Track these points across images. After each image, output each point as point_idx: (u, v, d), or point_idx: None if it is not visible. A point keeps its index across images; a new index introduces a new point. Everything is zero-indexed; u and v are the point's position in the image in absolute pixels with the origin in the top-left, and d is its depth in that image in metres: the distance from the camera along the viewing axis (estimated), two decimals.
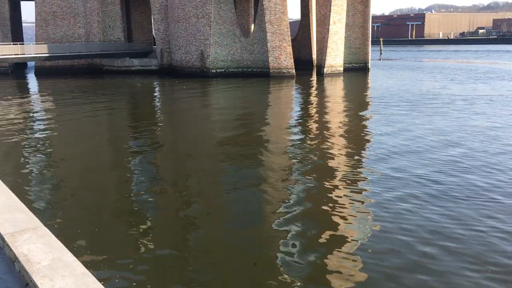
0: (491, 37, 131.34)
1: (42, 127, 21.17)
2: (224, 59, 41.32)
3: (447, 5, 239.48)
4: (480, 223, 9.26)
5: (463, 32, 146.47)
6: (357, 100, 28.18)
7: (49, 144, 17.48)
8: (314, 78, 40.65)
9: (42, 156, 15.78)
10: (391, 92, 29.59)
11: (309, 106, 26.55)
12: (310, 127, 20.06)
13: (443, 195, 10.82)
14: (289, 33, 39.55)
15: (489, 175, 12.30)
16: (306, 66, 49.00)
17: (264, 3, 38.41)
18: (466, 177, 12.10)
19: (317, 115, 23.17)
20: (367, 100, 28.16)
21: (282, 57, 39.40)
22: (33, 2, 47.65)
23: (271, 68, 39.50)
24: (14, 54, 39.44)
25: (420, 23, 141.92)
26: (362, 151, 15.33)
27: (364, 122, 20.52)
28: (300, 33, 53.48)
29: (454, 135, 17.03)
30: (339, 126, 19.43)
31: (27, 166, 14.26)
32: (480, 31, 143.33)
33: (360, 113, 22.82)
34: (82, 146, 17.16)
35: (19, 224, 4.33)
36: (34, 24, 48.70)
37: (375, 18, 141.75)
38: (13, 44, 40.62)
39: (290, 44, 39.56)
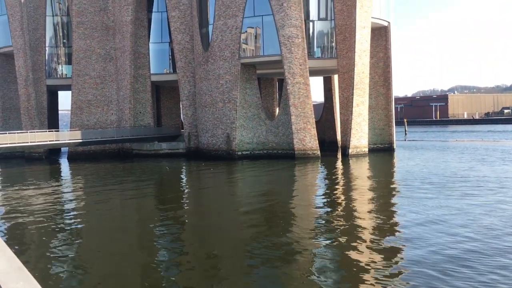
0: None
1: (71, 212, 21.58)
2: (250, 141, 42.18)
3: (470, 86, 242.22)
4: None
5: (488, 112, 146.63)
6: (383, 183, 27.94)
7: (77, 229, 17.73)
8: (339, 159, 40.82)
9: (70, 240, 15.97)
10: (418, 174, 29.27)
11: (334, 189, 26.43)
12: (335, 212, 19.86)
13: (474, 282, 10.38)
14: (313, 115, 40.45)
15: None
16: (331, 147, 49.44)
17: (288, 87, 39.78)
18: (495, 263, 11.62)
19: (343, 198, 23.01)
20: (393, 182, 27.92)
21: (307, 138, 40.00)
22: (69, 92, 50.51)
23: (296, 150, 39.99)
24: (49, 141, 41.26)
25: (444, 104, 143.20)
26: (388, 237, 14.97)
27: (390, 207, 20.14)
28: (324, 115, 54.60)
29: (486, 220, 16.39)
30: (365, 211, 19.19)
31: (55, 251, 14.40)
32: (506, 111, 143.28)
33: (387, 197, 22.54)
34: (109, 231, 17.33)
35: None
36: (69, 112, 51.28)
37: (398, 99, 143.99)
38: (49, 131, 42.65)
39: (315, 126, 40.31)
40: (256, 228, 16.66)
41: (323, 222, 17.71)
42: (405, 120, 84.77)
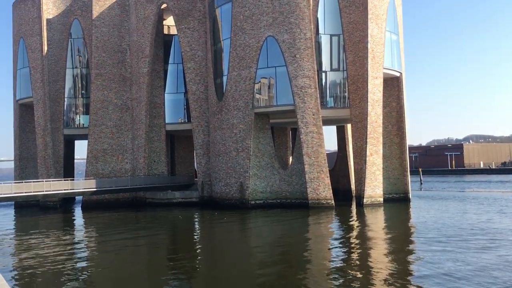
0: None
1: (83, 261, 21.41)
2: (263, 190, 41.99)
3: (485, 135, 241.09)
4: None
5: (505, 162, 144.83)
6: (398, 234, 27.34)
7: (89, 278, 17.51)
8: (353, 209, 40.25)
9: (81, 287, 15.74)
10: (434, 225, 28.60)
11: (349, 240, 25.91)
12: (350, 264, 19.39)
13: None
14: (327, 164, 40.33)
15: None
16: (345, 196, 48.89)
17: (301, 136, 39.96)
18: None
19: (358, 249, 22.50)
20: (409, 234, 27.31)
21: (321, 188, 39.71)
22: (86, 141, 51.35)
23: (310, 199, 39.63)
24: (64, 190, 41.59)
25: (459, 153, 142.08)
26: None
27: (405, 260, 19.60)
28: (338, 163, 54.41)
29: (504, 277, 15.78)
30: (380, 263, 18.70)
31: None
32: None
33: (402, 248, 21.98)
34: (121, 280, 17.08)
35: None
36: (85, 160, 51.90)
37: (412, 148, 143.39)
38: (64, 180, 43.07)
39: (328, 175, 40.10)
40: (270, 280, 16.27)
41: (338, 273, 17.25)
42: (419, 169, 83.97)
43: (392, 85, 45.17)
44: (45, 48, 50.58)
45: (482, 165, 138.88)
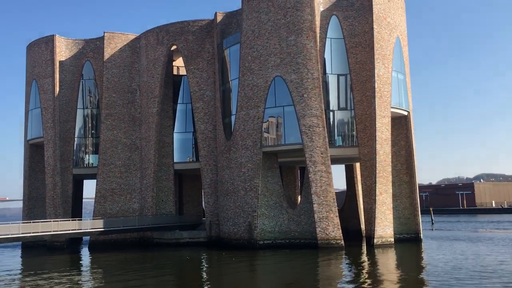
0: None
1: None
2: (272, 230, 41.46)
3: (496, 174, 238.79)
4: None
5: None
6: (410, 276, 26.63)
7: None
8: (364, 249, 39.49)
9: None
10: (448, 268, 27.82)
11: (360, 282, 25.27)
12: None
13: None
14: (336, 204, 39.90)
15: None
16: (355, 236, 48.07)
17: (309, 175, 39.74)
18: None
19: None
20: (421, 276, 26.59)
21: (330, 228, 39.15)
22: (94, 180, 51.44)
23: (319, 240, 39.01)
24: (72, 230, 41.35)
25: (470, 192, 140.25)
26: None
27: None
28: (347, 203, 53.83)
29: None
30: None
31: None
32: None
33: None
34: None
35: None
36: (93, 200, 51.83)
37: (422, 187, 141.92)
38: (72, 220, 42.91)
39: (337, 214, 39.60)
40: None
41: None
42: (431, 209, 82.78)
43: (400, 124, 45.18)
44: (57, 89, 51.54)
45: (494, 205, 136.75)
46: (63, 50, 52.63)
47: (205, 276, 30.48)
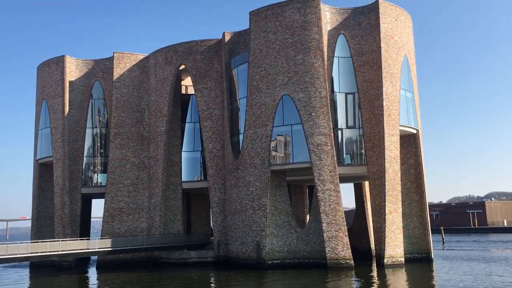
0: None
1: None
2: (280, 249, 41.04)
3: (507, 193, 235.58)
4: None
5: None
6: None
7: None
8: (374, 269, 38.89)
9: None
10: None
11: None
12: None
13: None
14: (345, 223, 39.49)
15: None
16: (365, 256, 47.41)
17: (318, 194, 39.46)
18: None
19: None
20: None
21: (339, 247, 38.68)
22: (102, 199, 51.45)
23: (328, 259, 38.51)
24: (79, 249, 41.20)
25: (481, 211, 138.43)
26: None
27: None
28: (356, 222, 53.28)
29: None
30: None
31: None
32: None
33: None
34: None
35: None
36: (101, 219, 51.74)
37: (432, 206, 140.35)
38: (80, 240, 42.79)
39: (347, 234, 39.15)
40: None
41: None
42: (441, 228, 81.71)
43: (409, 142, 44.92)
44: (67, 109, 52.00)
45: (506, 224, 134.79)
46: (73, 70, 53.25)
47: None
